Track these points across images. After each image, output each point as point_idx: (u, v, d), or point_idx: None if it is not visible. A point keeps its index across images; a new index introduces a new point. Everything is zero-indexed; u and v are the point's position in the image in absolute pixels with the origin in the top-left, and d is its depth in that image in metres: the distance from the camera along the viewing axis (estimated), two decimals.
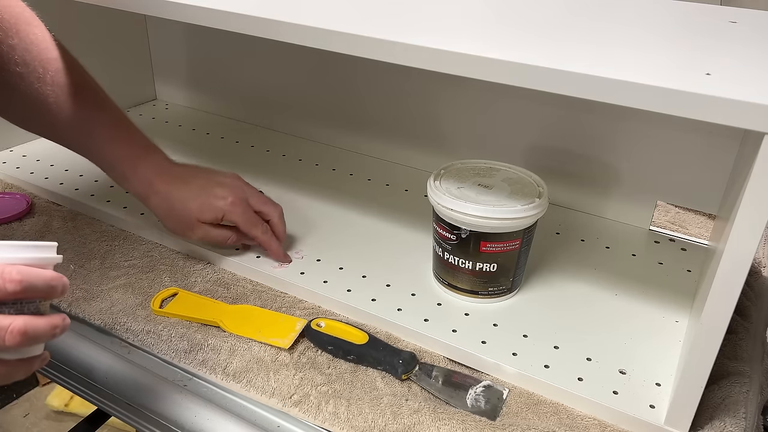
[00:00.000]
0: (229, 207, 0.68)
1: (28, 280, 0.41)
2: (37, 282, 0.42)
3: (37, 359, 0.45)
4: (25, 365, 0.44)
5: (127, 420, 0.60)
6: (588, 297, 0.68)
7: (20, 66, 0.63)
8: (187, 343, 0.62)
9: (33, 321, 0.42)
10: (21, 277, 0.41)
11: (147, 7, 0.62)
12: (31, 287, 0.42)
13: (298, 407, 0.56)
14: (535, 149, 0.84)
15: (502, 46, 0.49)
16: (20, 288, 0.41)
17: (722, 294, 0.45)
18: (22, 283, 0.41)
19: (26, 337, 0.41)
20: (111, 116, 0.70)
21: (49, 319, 0.43)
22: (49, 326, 0.43)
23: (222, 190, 0.68)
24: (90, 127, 0.68)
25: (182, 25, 0.60)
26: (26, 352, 0.44)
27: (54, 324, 0.43)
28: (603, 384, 0.57)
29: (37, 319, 0.42)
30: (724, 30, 0.56)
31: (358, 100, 0.96)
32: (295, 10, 0.57)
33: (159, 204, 0.69)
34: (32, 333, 0.42)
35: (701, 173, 0.75)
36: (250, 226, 0.69)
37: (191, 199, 0.68)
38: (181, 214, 0.68)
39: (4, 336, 0.41)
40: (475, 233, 0.62)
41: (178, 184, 0.69)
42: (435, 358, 0.61)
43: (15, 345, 0.41)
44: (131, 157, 0.69)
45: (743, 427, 0.54)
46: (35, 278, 0.42)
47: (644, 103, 0.42)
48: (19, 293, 0.41)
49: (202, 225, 0.69)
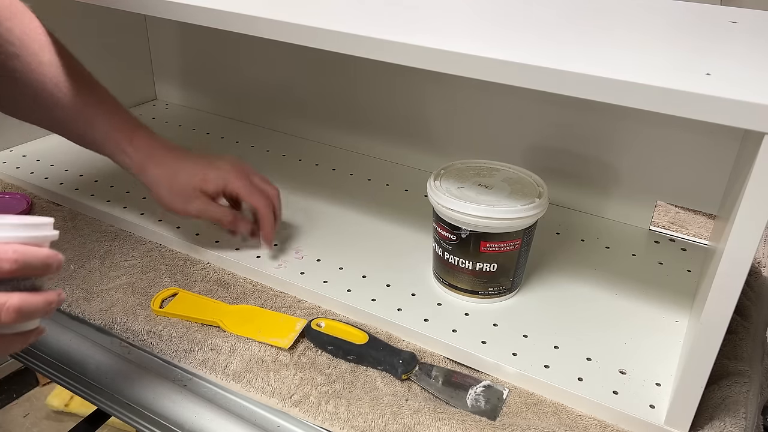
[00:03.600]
0: (233, 176, 0.68)
1: (23, 259, 0.42)
2: (33, 260, 0.43)
3: (33, 332, 0.46)
4: (21, 338, 0.45)
5: (127, 420, 0.60)
6: (588, 297, 0.68)
7: (18, 48, 0.63)
8: (187, 343, 0.62)
9: (28, 298, 0.43)
10: (17, 256, 0.42)
11: (147, 7, 0.62)
12: (27, 265, 0.42)
13: (298, 407, 0.56)
14: (535, 149, 0.84)
15: (502, 46, 0.49)
16: (16, 267, 0.42)
17: (722, 294, 0.45)
18: (18, 262, 0.42)
19: (21, 314, 0.42)
20: (106, 96, 0.70)
21: (44, 295, 0.44)
22: (45, 302, 0.44)
23: (224, 163, 0.69)
24: (88, 106, 0.68)
25: (182, 25, 0.60)
26: (22, 326, 0.45)
27: (49, 300, 0.44)
28: (603, 384, 0.57)
29: (33, 296, 0.43)
30: (724, 30, 0.56)
31: (358, 100, 0.96)
32: (295, 10, 0.57)
33: (160, 174, 0.68)
34: (27, 310, 0.42)
35: (701, 173, 0.75)
36: (251, 195, 0.69)
37: (194, 168, 0.68)
38: (184, 182, 0.67)
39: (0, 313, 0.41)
40: (475, 233, 0.62)
41: (179, 155, 0.69)
42: (435, 358, 0.61)
43: (11, 322, 0.42)
44: (129, 129, 0.69)
45: (743, 427, 0.54)
46: (31, 257, 0.43)
47: (644, 103, 0.42)
48: (15, 272, 0.42)
49: (202, 197, 0.68)
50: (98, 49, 1.02)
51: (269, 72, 1.02)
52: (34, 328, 0.46)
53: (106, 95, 0.70)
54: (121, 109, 0.70)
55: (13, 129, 0.96)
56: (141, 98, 1.16)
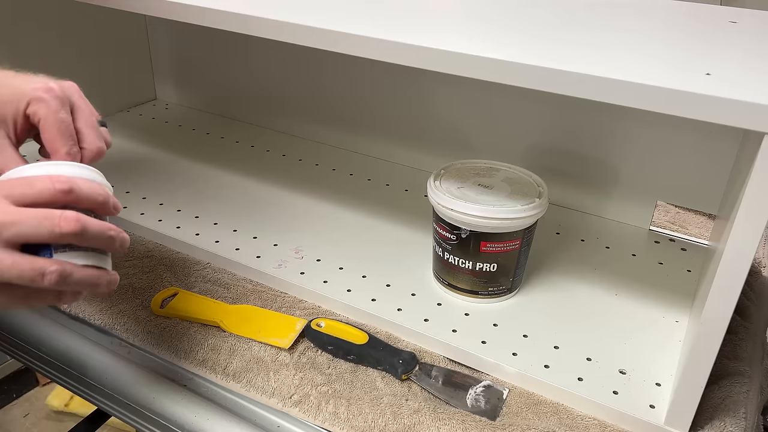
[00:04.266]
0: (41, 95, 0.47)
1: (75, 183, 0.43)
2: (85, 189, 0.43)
3: (104, 274, 0.45)
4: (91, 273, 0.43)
5: (127, 420, 0.60)
6: (588, 297, 0.68)
7: None
8: (187, 343, 0.62)
9: (87, 217, 0.42)
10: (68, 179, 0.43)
11: (147, 7, 0.62)
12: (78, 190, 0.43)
13: (298, 407, 0.56)
14: (535, 149, 0.84)
15: (502, 46, 0.49)
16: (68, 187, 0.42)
17: (722, 294, 0.45)
18: (69, 182, 0.42)
19: (80, 223, 0.41)
20: None
21: (104, 222, 0.44)
22: (105, 226, 0.43)
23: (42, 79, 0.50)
24: None
25: (182, 25, 0.60)
26: (89, 257, 0.44)
27: (109, 226, 0.44)
28: (603, 384, 0.57)
29: (92, 219, 0.43)
30: (724, 30, 0.56)
31: (358, 100, 0.96)
32: (296, 10, 0.57)
33: None
34: (85, 223, 0.42)
35: (701, 173, 0.75)
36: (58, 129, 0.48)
37: None
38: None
39: (59, 222, 0.41)
40: (475, 233, 0.62)
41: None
42: (435, 358, 0.61)
43: (70, 230, 0.41)
44: None
45: (743, 427, 0.54)
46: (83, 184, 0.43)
47: (644, 103, 0.42)
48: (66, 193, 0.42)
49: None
50: (98, 49, 1.02)
51: (269, 72, 1.02)
52: (107, 270, 0.45)
53: None
54: None
55: None
56: (141, 98, 1.16)
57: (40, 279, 0.41)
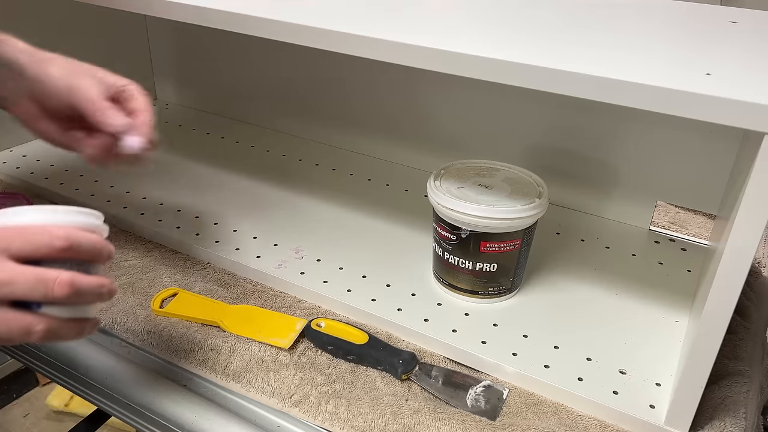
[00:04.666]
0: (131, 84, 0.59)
1: (75, 239, 0.43)
2: (85, 243, 0.44)
3: (89, 323, 0.46)
4: (76, 326, 0.45)
5: (127, 420, 0.60)
6: (588, 297, 0.68)
7: None
8: (187, 343, 0.62)
9: (80, 276, 0.43)
10: (68, 235, 0.43)
11: (147, 7, 0.62)
12: (78, 246, 0.43)
13: (298, 407, 0.56)
14: (535, 149, 0.84)
15: (502, 46, 0.49)
16: (67, 245, 0.43)
17: (722, 294, 0.45)
18: (69, 240, 0.43)
19: (74, 288, 0.42)
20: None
21: (97, 277, 0.44)
22: (97, 284, 0.44)
23: None
24: None
25: (182, 24, 0.60)
26: (77, 311, 0.45)
27: (101, 283, 0.44)
28: (603, 384, 0.57)
29: (85, 276, 0.44)
30: (724, 30, 0.56)
31: (358, 100, 0.96)
32: (296, 10, 0.57)
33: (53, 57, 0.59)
34: (79, 285, 0.43)
35: (701, 173, 0.75)
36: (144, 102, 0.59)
37: None
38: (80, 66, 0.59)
39: (53, 287, 0.42)
40: (475, 233, 0.62)
41: None
42: (435, 358, 0.61)
43: (63, 295, 0.42)
44: None
45: (743, 427, 0.54)
46: (83, 239, 0.44)
47: (644, 103, 0.42)
48: (66, 250, 0.43)
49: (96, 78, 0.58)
50: (98, 49, 1.02)
51: (269, 72, 1.02)
52: (90, 318, 0.46)
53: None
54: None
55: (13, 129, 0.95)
56: None
57: (26, 336, 0.43)
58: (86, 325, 0.46)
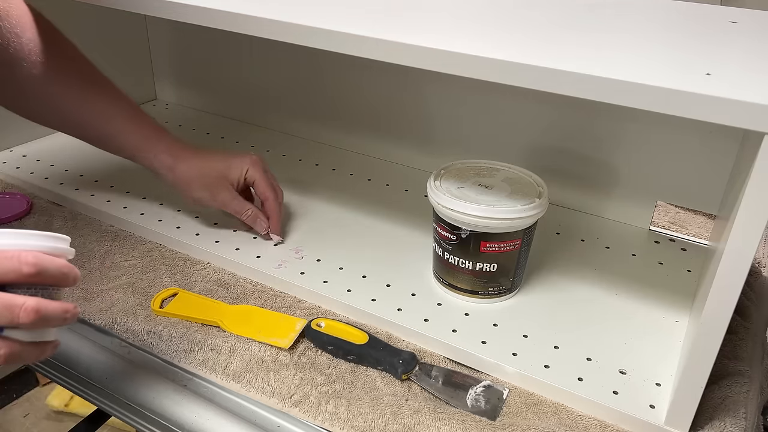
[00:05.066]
0: (252, 165, 0.74)
1: (42, 264, 0.44)
2: (51, 268, 0.44)
3: (49, 345, 0.47)
4: (37, 349, 0.46)
5: (127, 420, 0.60)
6: (588, 297, 0.68)
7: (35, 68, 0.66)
8: (187, 343, 0.62)
9: (45, 302, 0.44)
10: (36, 261, 0.43)
11: (147, 7, 0.62)
12: (44, 271, 0.44)
13: (298, 407, 0.56)
14: (535, 149, 0.84)
15: (502, 46, 0.49)
16: (35, 270, 0.43)
17: (722, 294, 0.45)
18: (36, 266, 0.43)
19: (39, 315, 0.43)
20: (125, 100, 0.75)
21: (61, 303, 0.45)
22: (61, 310, 0.45)
23: (243, 155, 0.75)
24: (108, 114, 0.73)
25: (182, 25, 0.60)
26: (39, 335, 0.46)
27: (66, 308, 0.45)
28: (603, 384, 0.57)
29: (50, 302, 0.44)
30: (724, 30, 0.56)
31: (358, 100, 0.96)
32: (295, 10, 0.57)
33: (188, 170, 0.73)
34: (44, 312, 0.43)
35: (701, 173, 0.75)
36: (267, 186, 0.74)
37: (219, 160, 0.74)
38: (211, 173, 0.73)
39: (19, 313, 0.42)
40: (475, 233, 0.62)
41: (202, 152, 0.74)
42: (435, 358, 0.61)
43: (29, 321, 0.43)
44: (153, 136, 0.74)
45: (743, 427, 0.54)
46: (49, 264, 0.44)
47: (644, 103, 0.42)
48: (33, 276, 0.43)
49: (229, 187, 0.73)
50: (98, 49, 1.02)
51: (269, 72, 1.02)
52: (51, 341, 0.47)
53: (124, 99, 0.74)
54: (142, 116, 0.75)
55: (13, 129, 0.96)
56: (141, 98, 1.16)
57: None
58: (47, 348, 0.47)
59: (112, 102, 0.73)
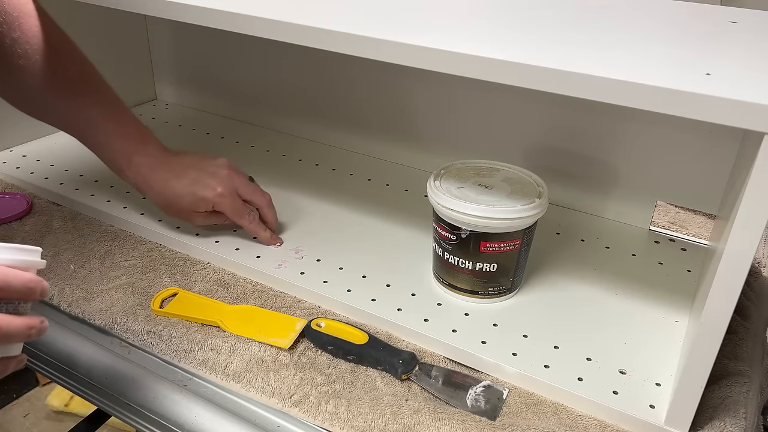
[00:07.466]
0: (218, 198, 0.71)
1: (4, 279, 0.42)
2: (15, 282, 0.43)
3: (13, 360, 0.46)
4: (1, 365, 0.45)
5: (127, 420, 0.60)
6: (588, 297, 0.68)
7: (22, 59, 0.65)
8: (187, 343, 0.62)
9: (9, 319, 0.43)
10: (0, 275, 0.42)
11: (147, 7, 0.62)
12: (7, 287, 0.43)
13: (298, 407, 0.56)
14: (535, 149, 0.84)
15: (502, 46, 0.49)
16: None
17: (722, 294, 0.45)
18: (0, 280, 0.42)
19: (2, 332, 0.42)
20: (110, 109, 0.72)
21: (26, 319, 0.44)
22: (25, 326, 0.43)
23: (212, 181, 0.71)
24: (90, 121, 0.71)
25: (182, 25, 0.60)
26: (3, 351, 0.45)
27: (30, 324, 0.44)
28: (603, 384, 0.57)
29: (14, 318, 0.43)
30: (724, 30, 0.56)
31: (358, 100, 0.96)
32: (295, 10, 0.57)
33: (156, 199, 0.73)
34: (7, 330, 0.42)
35: (701, 173, 0.75)
36: (237, 217, 0.73)
37: (184, 195, 0.71)
38: (178, 207, 0.72)
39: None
40: (475, 233, 0.62)
41: (170, 180, 0.71)
42: (435, 358, 0.61)
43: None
44: (127, 153, 0.71)
45: (743, 427, 0.54)
46: (13, 278, 0.43)
47: (644, 103, 0.42)
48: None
49: (199, 214, 0.72)
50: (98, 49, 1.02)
51: (269, 72, 1.02)
52: (14, 356, 0.46)
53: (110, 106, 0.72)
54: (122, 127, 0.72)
55: (13, 129, 0.96)
56: (141, 98, 1.16)
57: None
58: (11, 363, 0.46)
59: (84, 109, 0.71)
